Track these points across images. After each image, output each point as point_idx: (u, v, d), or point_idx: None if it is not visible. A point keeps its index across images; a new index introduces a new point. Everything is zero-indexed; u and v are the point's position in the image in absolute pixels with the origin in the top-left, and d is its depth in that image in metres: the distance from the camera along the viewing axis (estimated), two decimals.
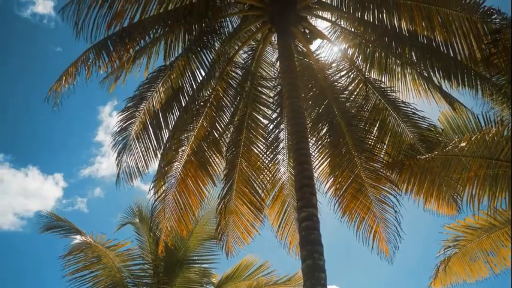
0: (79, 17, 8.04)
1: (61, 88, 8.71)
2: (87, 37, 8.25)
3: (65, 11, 8.24)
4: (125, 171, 9.90)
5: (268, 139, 10.12)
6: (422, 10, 8.14)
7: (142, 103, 9.66)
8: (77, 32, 8.22)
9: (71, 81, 8.69)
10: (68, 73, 8.76)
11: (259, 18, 9.39)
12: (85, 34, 8.25)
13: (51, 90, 8.74)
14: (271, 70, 10.27)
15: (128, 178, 9.96)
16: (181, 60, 9.31)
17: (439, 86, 9.01)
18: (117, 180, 9.90)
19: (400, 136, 9.51)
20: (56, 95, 8.71)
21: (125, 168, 9.87)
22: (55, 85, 8.76)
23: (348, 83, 9.70)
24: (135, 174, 10.00)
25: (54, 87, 8.73)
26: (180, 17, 8.83)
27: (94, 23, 8.13)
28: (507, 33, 7.33)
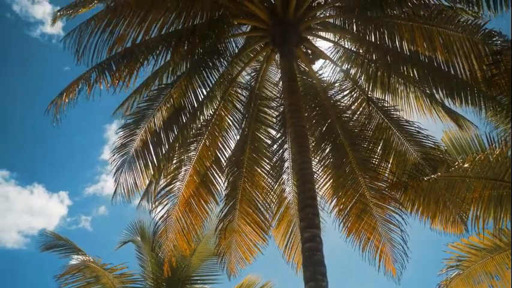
0: (80, 44, 8.07)
1: (61, 104, 8.75)
2: (88, 62, 8.27)
3: (67, 39, 8.28)
4: (123, 188, 9.87)
5: (273, 159, 10.12)
6: (424, 31, 8.16)
7: (144, 121, 9.70)
8: (78, 58, 8.22)
9: (71, 97, 8.74)
10: (70, 90, 8.82)
11: (262, 39, 9.47)
12: (86, 59, 8.25)
13: (52, 104, 8.78)
14: (274, 90, 10.31)
15: (126, 195, 9.93)
16: (184, 79, 9.40)
17: (442, 103, 9.04)
18: (114, 196, 9.89)
19: (404, 155, 9.51)
20: (56, 110, 8.75)
21: (123, 185, 9.84)
22: (56, 100, 8.81)
23: (350, 103, 9.74)
24: (132, 191, 9.98)
25: (55, 102, 8.78)
26: (184, 37, 8.88)
27: (95, 48, 8.14)
28: (508, 55, 7.36)
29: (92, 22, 8.14)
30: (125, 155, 9.79)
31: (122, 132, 9.73)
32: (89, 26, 8.12)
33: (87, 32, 8.14)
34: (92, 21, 8.15)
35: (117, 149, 9.78)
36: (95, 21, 8.08)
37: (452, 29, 7.85)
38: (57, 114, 8.66)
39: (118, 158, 9.79)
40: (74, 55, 8.27)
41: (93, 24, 8.09)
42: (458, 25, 7.81)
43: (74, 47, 8.26)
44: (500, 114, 7.90)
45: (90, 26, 8.11)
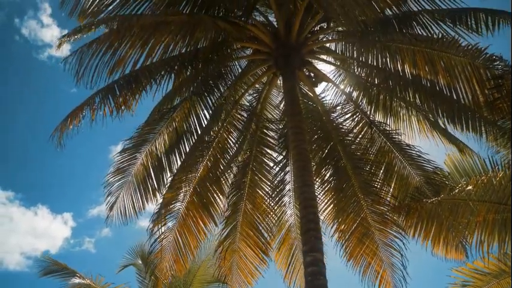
0: (81, 65, 8.05)
1: (66, 129, 8.77)
2: (87, 83, 8.22)
3: (67, 61, 8.24)
4: (120, 211, 9.84)
5: (274, 181, 10.10)
6: (425, 55, 8.23)
7: (144, 145, 9.74)
8: (78, 79, 8.20)
9: (76, 123, 8.76)
10: (74, 116, 8.84)
11: (264, 62, 9.54)
12: (85, 80, 8.21)
13: (56, 130, 8.80)
14: (276, 112, 10.36)
15: (124, 218, 9.90)
16: (187, 102, 9.44)
17: (444, 128, 9.06)
18: (107, 219, 9.85)
19: (407, 179, 9.49)
20: (60, 135, 8.76)
21: (120, 209, 9.82)
22: (60, 125, 8.83)
23: (353, 126, 9.76)
24: (132, 214, 9.94)
25: (59, 128, 8.79)
26: (187, 61, 8.96)
27: (96, 70, 8.12)
28: (509, 79, 7.40)
29: (93, 44, 8.14)
30: (124, 178, 9.78)
31: (120, 156, 9.74)
32: (90, 48, 8.11)
33: (88, 53, 8.12)
34: (93, 44, 8.15)
35: (114, 172, 9.76)
36: (97, 43, 8.07)
37: (454, 53, 7.91)
38: (61, 140, 8.68)
39: (116, 182, 9.77)
40: (74, 76, 8.27)
41: (94, 46, 8.08)
42: (459, 49, 7.86)
43: (74, 68, 8.27)
44: (502, 139, 7.89)
45: (91, 48, 8.10)
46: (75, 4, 8.62)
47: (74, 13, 8.72)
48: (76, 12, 8.68)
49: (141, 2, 8.67)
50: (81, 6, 8.58)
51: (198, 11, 8.79)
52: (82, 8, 8.60)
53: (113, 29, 8.18)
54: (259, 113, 10.06)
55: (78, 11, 8.65)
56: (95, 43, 8.12)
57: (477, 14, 7.90)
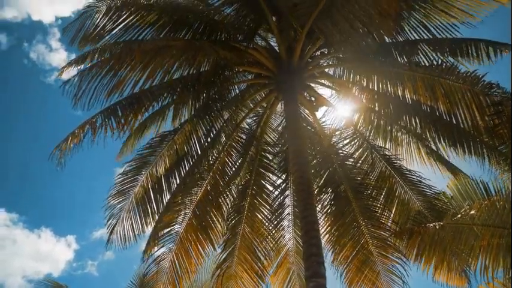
0: (80, 88, 8.04)
1: (66, 148, 8.70)
2: (85, 105, 8.18)
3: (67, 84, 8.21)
4: (119, 235, 9.74)
5: (273, 205, 10.07)
6: (425, 81, 8.31)
7: (145, 167, 9.72)
8: (76, 101, 8.16)
9: (76, 142, 8.70)
10: (75, 135, 8.79)
11: (266, 86, 9.62)
12: (83, 102, 8.17)
13: (57, 148, 8.73)
14: (276, 135, 10.38)
15: (123, 242, 9.78)
16: (188, 125, 9.48)
17: (443, 157, 9.15)
18: (108, 243, 9.75)
19: (408, 204, 9.50)
20: (61, 154, 8.68)
21: (119, 232, 9.72)
22: (61, 144, 8.76)
23: (353, 150, 9.81)
24: (132, 238, 9.82)
25: (60, 146, 8.73)
26: (189, 84, 8.99)
27: (94, 92, 8.09)
28: (508, 106, 7.51)
29: (94, 68, 8.15)
30: (124, 200, 9.70)
31: (121, 179, 9.68)
32: (90, 72, 8.11)
33: (88, 77, 8.11)
34: (94, 68, 8.16)
35: (115, 195, 9.70)
36: (98, 67, 8.09)
37: (453, 79, 7.99)
38: (61, 159, 8.60)
39: (116, 204, 9.69)
40: (72, 98, 8.24)
41: (95, 70, 8.10)
42: (459, 76, 7.95)
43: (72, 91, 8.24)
44: (503, 163, 7.95)
45: (91, 72, 8.10)
46: (78, 31, 8.74)
47: (75, 40, 8.85)
48: (78, 38, 8.80)
49: (143, 27, 8.80)
50: (83, 33, 8.70)
51: (200, 36, 8.88)
52: (84, 34, 8.71)
53: (114, 54, 8.24)
54: (259, 136, 10.09)
55: (79, 38, 8.76)
56: (96, 67, 8.13)
57: (477, 44, 8.08)
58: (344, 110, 9.86)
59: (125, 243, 9.84)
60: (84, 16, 8.67)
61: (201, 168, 9.79)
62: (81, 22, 8.71)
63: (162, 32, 8.87)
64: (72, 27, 8.82)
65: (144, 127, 9.35)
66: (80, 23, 8.72)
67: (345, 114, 9.90)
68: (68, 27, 8.92)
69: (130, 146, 9.77)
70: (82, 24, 8.70)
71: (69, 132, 8.72)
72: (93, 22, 8.61)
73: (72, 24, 8.85)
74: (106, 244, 9.70)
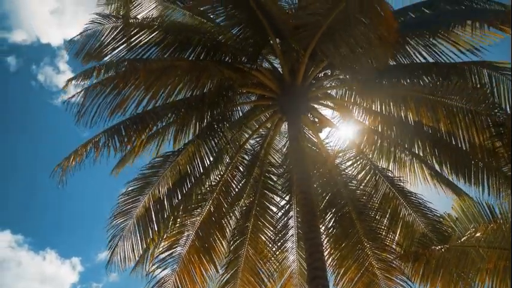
0: (83, 105, 8.10)
1: (68, 166, 8.71)
2: (88, 123, 8.20)
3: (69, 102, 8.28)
4: (120, 256, 9.64)
5: (277, 226, 10.01)
6: (428, 102, 8.31)
7: (148, 187, 9.68)
8: (78, 119, 8.19)
9: (79, 160, 8.72)
10: (77, 153, 8.82)
11: (269, 108, 9.66)
12: (86, 120, 8.21)
13: (58, 166, 8.74)
14: (281, 157, 10.38)
15: (123, 263, 9.68)
16: (191, 146, 9.49)
17: (446, 178, 9.12)
18: (108, 264, 9.63)
19: (412, 226, 9.44)
20: (63, 172, 8.69)
21: (119, 254, 9.62)
22: (62, 162, 8.77)
23: (357, 172, 9.79)
24: (133, 259, 9.74)
25: (62, 164, 8.74)
26: (192, 105, 9.04)
27: (97, 110, 8.12)
28: (510, 127, 7.50)
29: (98, 86, 8.20)
30: (126, 221, 9.65)
31: (123, 199, 9.65)
32: (94, 90, 8.17)
33: (91, 94, 8.16)
34: (98, 85, 8.21)
35: (117, 216, 9.64)
36: (101, 85, 8.14)
37: (457, 99, 7.99)
38: (63, 177, 8.61)
39: (118, 225, 9.64)
40: (75, 116, 8.27)
41: (98, 88, 8.15)
42: (462, 95, 7.93)
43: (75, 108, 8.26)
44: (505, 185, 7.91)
45: (95, 89, 8.16)
46: (82, 46, 8.80)
47: (79, 54, 8.91)
48: (82, 53, 8.86)
49: (147, 47, 8.88)
50: (88, 49, 8.76)
51: (205, 57, 8.95)
52: (88, 50, 8.78)
53: (119, 72, 8.29)
54: (263, 157, 10.09)
55: (83, 53, 8.82)
56: (100, 85, 8.18)
57: (480, 69, 8.14)
58: (347, 131, 9.89)
59: (126, 265, 9.74)
60: (89, 32, 8.74)
61: (204, 190, 9.78)
62: (85, 38, 8.77)
63: (166, 51, 8.95)
64: (76, 42, 8.90)
65: (145, 144, 9.32)
66: (84, 38, 8.79)
67: (349, 136, 9.94)
68: (73, 41, 9.01)
69: (130, 162, 9.74)
70: (87, 40, 8.75)
71: (72, 151, 8.77)
72: (98, 39, 8.68)
73: (76, 40, 8.92)
74: (106, 265, 9.60)
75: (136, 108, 8.44)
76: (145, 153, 9.67)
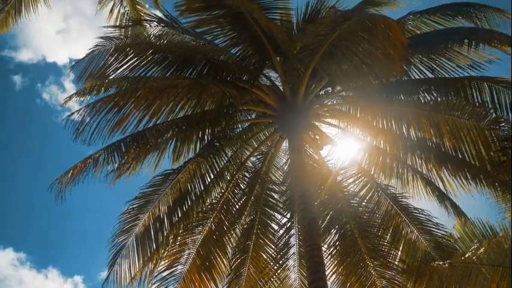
0: (83, 121, 8.18)
1: (67, 181, 8.71)
2: (87, 139, 8.28)
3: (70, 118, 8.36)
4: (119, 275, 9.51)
5: (278, 244, 9.93)
6: (430, 118, 8.29)
7: (148, 205, 9.65)
8: (77, 135, 8.25)
9: (78, 175, 8.72)
10: (76, 169, 8.83)
11: (270, 125, 9.67)
12: (85, 137, 8.28)
13: (57, 180, 8.75)
14: (282, 174, 10.33)
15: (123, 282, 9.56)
16: (192, 164, 9.48)
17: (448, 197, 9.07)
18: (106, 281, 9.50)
19: (414, 244, 9.34)
20: (61, 187, 8.68)
21: (117, 272, 9.50)
22: (60, 177, 8.78)
23: (359, 189, 9.73)
24: (130, 277, 9.63)
25: (59, 180, 8.74)
26: (193, 122, 9.05)
27: (97, 127, 8.18)
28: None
29: (98, 103, 8.25)
30: (127, 240, 9.60)
31: (124, 218, 9.62)
32: (94, 107, 8.24)
33: (91, 112, 8.24)
34: (98, 103, 8.27)
35: (118, 235, 9.59)
36: (102, 103, 8.20)
37: (459, 115, 7.97)
38: (61, 192, 8.61)
39: (118, 244, 9.58)
40: (73, 132, 8.29)
41: (99, 105, 8.21)
42: (464, 112, 7.93)
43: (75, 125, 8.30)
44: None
45: (95, 107, 8.23)
46: (85, 68, 8.89)
47: (82, 77, 9.00)
48: (84, 76, 8.95)
49: (149, 66, 8.97)
50: (91, 71, 8.85)
51: (206, 76, 9.01)
52: (91, 72, 8.86)
53: (119, 90, 8.34)
54: (264, 174, 10.05)
55: (86, 76, 8.90)
56: (100, 102, 8.23)
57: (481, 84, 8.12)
58: (349, 148, 9.86)
59: (127, 283, 9.65)
60: (92, 55, 8.85)
61: (205, 208, 9.75)
62: (88, 60, 8.87)
63: (168, 71, 9.05)
64: (79, 65, 9.00)
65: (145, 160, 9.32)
66: (87, 61, 8.89)
67: (350, 152, 9.90)
68: (76, 65, 9.13)
69: (127, 176, 9.70)
70: (90, 62, 8.85)
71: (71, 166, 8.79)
72: (101, 61, 8.77)
73: (79, 62, 9.03)
74: (103, 285, 9.51)
75: (137, 126, 8.50)
76: (147, 169, 9.66)
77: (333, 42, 7.88)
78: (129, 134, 8.65)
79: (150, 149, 8.94)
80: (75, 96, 9.21)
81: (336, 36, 7.75)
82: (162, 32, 9.31)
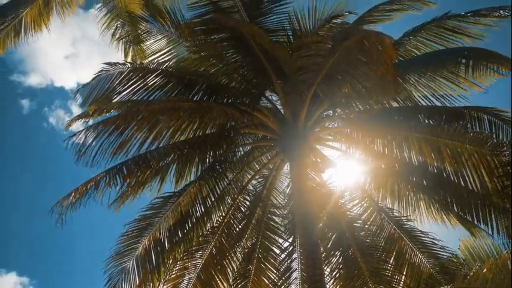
0: (84, 144, 8.16)
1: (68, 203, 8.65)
2: (89, 162, 8.24)
3: (71, 140, 8.35)
4: None
5: (280, 269, 9.81)
6: (431, 143, 8.26)
7: (149, 228, 9.57)
8: (78, 157, 8.23)
9: (79, 198, 8.67)
10: (78, 192, 8.77)
11: (272, 149, 9.66)
12: (86, 160, 8.25)
13: (58, 203, 8.68)
14: (283, 198, 10.27)
15: None
16: (193, 187, 9.45)
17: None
18: None
19: (418, 267, 9.22)
20: (63, 210, 8.62)
21: None
22: (62, 201, 8.72)
23: (361, 212, 9.67)
24: None
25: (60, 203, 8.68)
26: (195, 145, 9.05)
27: (99, 150, 8.17)
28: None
29: (100, 126, 8.28)
30: (126, 263, 9.48)
31: (123, 240, 9.52)
32: (96, 129, 8.25)
33: (93, 134, 8.24)
34: (100, 125, 8.29)
35: (116, 257, 9.48)
36: (103, 125, 8.22)
37: (460, 140, 7.97)
38: (62, 215, 8.55)
39: (116, 267, 9.46)
40: (75, 154, 8.27)
41: (100, 127, 8.22)
42: (465, 137, 7.92)
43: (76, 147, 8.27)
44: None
45: (97, 129, 8.24)
46: (89, 94, 8.95)
47: (86, 103, 9.05)
48: (88, 101, 9.00)
49: (152, 90, 9.03)
50: (94, 96, 8.91)
51: (208, 99, 9.06)
52: (95, 97, 8.92)
53: (121, 114, 8.37)
54: (265, 198, 10.00)
55: (90, 101, 8.96)
56: (101, 125, 8.25)
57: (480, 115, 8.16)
58: (351, 171, 9.82)
59: None
60: (96, 80, 8.93)
61: (206, 231, 9.67)
62: (93, 85, 8.96)
63: (170, 94, 9.11)
64: (84, 90, 9.09)
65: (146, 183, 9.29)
66: (91, 86, 8.97)
67: (352, 175, 9.86)
68: (80, 90, 9.21)
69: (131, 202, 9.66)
70: (94, 87, 8.93)
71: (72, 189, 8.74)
72: (105, 85, 8.85)
73: (84, 87, 9.12)
74: None
75: (139, 149, 8.50)
76: (149, 193, 9.61)
77: (333, 64, 7.93)
78: (131, 156, 8.65)
79: (151, 172, 8.92)
80: (78, 119, 9.28)
81: (336, 58, 7.80)
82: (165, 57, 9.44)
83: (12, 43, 11.69)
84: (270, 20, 9.20)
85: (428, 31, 9.39)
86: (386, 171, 9.31)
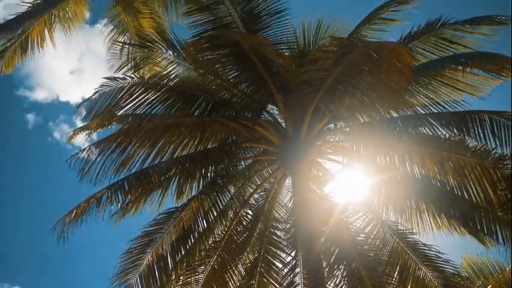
0: (87, 162, 8.16)
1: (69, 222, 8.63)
2: (92, 180, 8.24)
3: (73, 158, 8.35)
4: None
5: (283, 284, 9.73)
6: (434, 156, 8.20)
7: (151, 245, 9.55)
8: (82, 176, 8.22)
9: (81, 215, 8.68)
10: (80, 208, 8.78)
11: (273, 162, 9.63)
12: (90, 178, 8.24)
13: (61, 221, 8.67)
14: (285, 212, 10.22)
15: None
16: (195, 201, 9.44)
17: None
18: None
19: (423, 281, 9.12)
20: (64, 228, 8.61)
21: None
22: (64, 218, 8.72)
23: (364, 225, 9.58)
24: None
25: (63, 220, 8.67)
26: (196, 160, 9.04)
27: (102, 168, 8.15)
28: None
29: (102, 143, 8.26)
30: (129, 280, 9.45)
31: (126, 257, 9.52)
32: (98, 147, 8.24)
33: (95, 151, 8.23)
34: (102, 143, 8.28)
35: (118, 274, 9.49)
36: (105, 142, 8.19)
37: (462, 153, 7.91)
38: (64, 233, 8.54)
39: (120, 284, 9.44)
40: (78, 173, 8.26)
41: (102, 145, 8.21)
42: (467, 150, 7.86)
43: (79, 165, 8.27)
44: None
45: (99, 147, 8.23)
46: (90, 109, 8.99)
47: (87, 118, 9.09)
48: (90, 116, 9.03)
49: (153, 105, 9.05)
50: (96, 111, 8.94)
51: (209, 113, 9.08)
52: (96, 112, 8.95)
53: (122, 130, 8.37)
54: (267, 212, 9.95)
55: (92, 116, 8.99)
56: (103, 142, 8.24)
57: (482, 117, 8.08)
58: (353, 184, 9.75)
59: None
60: (97, 95, 8.98)
61: (208, 246, 9.63)
62: (95, 100, 8.99)
63: (171, 109, 9.12)
64: (86, 104, 9.12)
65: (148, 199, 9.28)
66: (94, 100, 9.01)
67: (354, 189, 9.79)
68: (83, 104, 9.23)
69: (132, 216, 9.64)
70: (96, 101, 8.97)
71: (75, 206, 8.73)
72: (105, 100, 8.91)
73: (86, 101, 9.16)
74: None
75: (142, 165, 8.49)
76: (150, 208, 9.60)
77: (336, 76, 7.91)
78: (132, 173, 8.65)
79: (153, 187, 8.93)
80: (80, 131, 9.33)
81: (339, 70, 7.78)
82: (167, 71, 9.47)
83: (20, 60, 11.83)
84: (269, 33, 9.23)
85: (426, 41, 9.40)
86: (389, 184, 9.25)
